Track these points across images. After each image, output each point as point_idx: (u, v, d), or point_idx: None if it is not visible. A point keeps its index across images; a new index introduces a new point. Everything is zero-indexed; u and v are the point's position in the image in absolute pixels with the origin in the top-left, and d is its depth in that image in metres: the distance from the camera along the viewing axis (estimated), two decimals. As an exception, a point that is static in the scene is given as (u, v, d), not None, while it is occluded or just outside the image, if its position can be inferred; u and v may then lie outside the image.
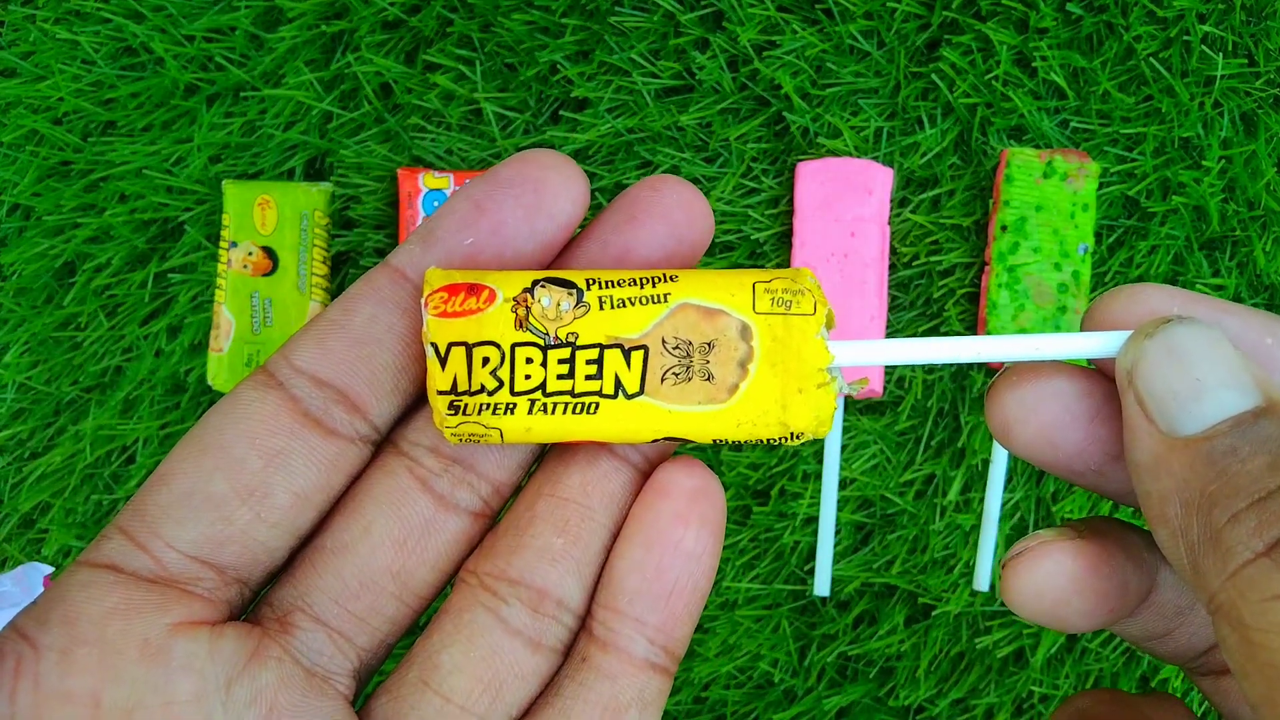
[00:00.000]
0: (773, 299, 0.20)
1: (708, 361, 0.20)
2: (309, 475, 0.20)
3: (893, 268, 0.56)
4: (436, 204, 0.55)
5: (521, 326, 0.20)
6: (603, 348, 0.20)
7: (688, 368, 0.20)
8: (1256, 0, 0.56)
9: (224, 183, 0.56)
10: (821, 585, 0.56)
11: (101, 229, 0.58)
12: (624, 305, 0.20)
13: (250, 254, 0.56)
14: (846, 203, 0.54)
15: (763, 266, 0.56)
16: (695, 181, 0.57)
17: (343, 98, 0.58)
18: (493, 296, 0.20)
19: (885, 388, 0.56)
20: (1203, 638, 0.23)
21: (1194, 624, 0.23)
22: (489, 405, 0.20)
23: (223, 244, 0.56)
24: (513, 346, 0.20)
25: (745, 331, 0.20)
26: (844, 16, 0.56)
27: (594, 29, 0.56)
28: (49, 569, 0.53)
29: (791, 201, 0.55)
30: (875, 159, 0.56)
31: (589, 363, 0.20)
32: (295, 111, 0.58)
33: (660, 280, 0.20)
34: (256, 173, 0.58)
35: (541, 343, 0.20)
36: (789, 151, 0.57)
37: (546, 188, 0.21)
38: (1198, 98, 0.56)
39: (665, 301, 0.20)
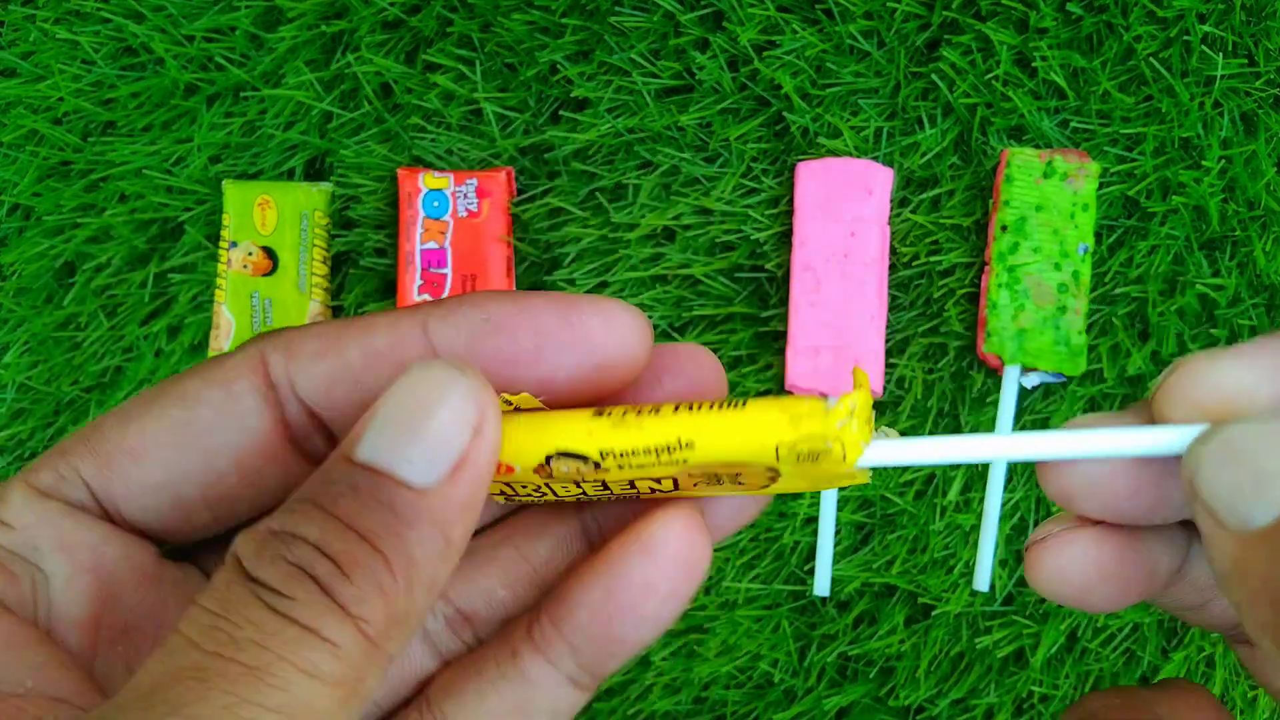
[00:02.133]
0: (798, 456, 0.19)
1: (736, 475, 0.20)
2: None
3: (893, 268, 0.56)
4: (436, 204, 0.55)
5: (549, 482, 0.20)
6: (633, 482, 0.20)
7: (718, 481, 0.20)
8: (1256, 0, 0.56)
9: (224, 183, 0.56)
10: (821, 585, 0.56)
11: (101, 229, 0.58)
12: (643, 467, 0.20)
13: (250, 254, 0.56)
14: (846, 203, 0.54)
15: (763, 268, 0.56)
16: (695, 182, 0.57)
17: (343, 98, 0.58)
18: (510, 470, 0.20)
19: (885, 388, 0.56)
20: None
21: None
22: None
23: (223, 244, 0.56)
24: (546, 483, 0.20)
25: (771, 472, 0.20)
26: (844, 16, 0.56)
27: (594, 29, 0.56)
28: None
29: (791, 201, 0.55)
30: (875, 159, 0.56)
31: (622, 487, 0.20)
32: (295, 111, 0.58)
33: (676, 448, 0.19)
34: (256, 173, 0.58)
35: (575, 480, 0.20)
36: (789, 151, 0.57)
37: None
38: (1198, 98, 0.56)
39: (684, 464, 0.20)
